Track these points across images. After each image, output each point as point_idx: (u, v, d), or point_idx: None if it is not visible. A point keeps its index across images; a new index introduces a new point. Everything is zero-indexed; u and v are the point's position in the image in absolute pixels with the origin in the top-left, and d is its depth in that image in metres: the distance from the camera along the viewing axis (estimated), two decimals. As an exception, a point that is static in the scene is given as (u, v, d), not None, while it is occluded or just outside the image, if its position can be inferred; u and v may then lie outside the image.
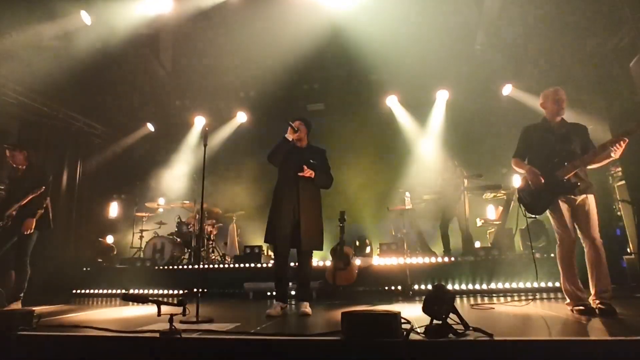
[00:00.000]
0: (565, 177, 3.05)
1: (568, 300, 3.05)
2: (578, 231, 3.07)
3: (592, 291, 2.94)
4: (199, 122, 8.25)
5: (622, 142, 2.87)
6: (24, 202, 4.20)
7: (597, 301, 2.86)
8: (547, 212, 3.17)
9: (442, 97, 7.53)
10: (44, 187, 4.30)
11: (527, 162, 3.29)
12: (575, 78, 6.11)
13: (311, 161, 3.67)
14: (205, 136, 3.66)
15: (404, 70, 7.25)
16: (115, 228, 7.92)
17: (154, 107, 8.22)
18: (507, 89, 7.14)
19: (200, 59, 7.37)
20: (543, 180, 3.09)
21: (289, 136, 3.68)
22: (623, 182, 5.46)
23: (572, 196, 3.06)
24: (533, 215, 3.22)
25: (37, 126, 6.74)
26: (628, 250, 5.22)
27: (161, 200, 7.44)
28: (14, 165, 4.48)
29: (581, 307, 2.88)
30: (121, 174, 8.22)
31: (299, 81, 7.78)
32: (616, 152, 2.91)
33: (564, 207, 3.07)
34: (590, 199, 3.07)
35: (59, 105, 7.05)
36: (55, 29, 5.65)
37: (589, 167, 3.11)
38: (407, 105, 7.75)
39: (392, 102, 7.78)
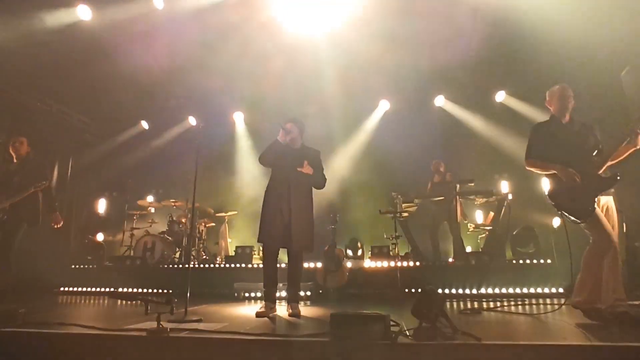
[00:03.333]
0: (600, 172, 2.87)
1: (577, 298, 2.85)
2: None
3: (608, 298, 2.75)
4: (194, 120, 8.22)
5: None
6: (24, 195, 4.11)
7: (620, 309, 2.68)
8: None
9: (438, 102, 7.59)
10: (47, 182, 4.24)
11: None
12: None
13: (305, 162, 3.67)
14: (198, 135, 3.64)
15: (398, 75, 7.30)
16: (106, 226, 7.85)
17: (149, 105, 8.17)
18: (500, 96, 7.22)
19: (196, 57, 7.34)
20: (579, 179, 2.83)
21: (281, 138, 3.67)
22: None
23: (600, 196, 2.87)
24: (579, 221, 2.84)
25: (29, 120, 6.67)
26: (616, 258, 5.27)
27: (150, 198, 7.38)
28: (12, 155, 4.39)
29: (594, 310, 2.71)
30: (113, 170, 8.15)
31: (295, 82, 7.79)
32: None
33: (597, 206, 2.83)
34: (612, 202, 2.93)
35: (52, 100, 6.99)
36: (50, 22, 5.59)
37: (612, 162, 2.93)
38: (401, 109, 7.79)
39: (386, 106, 7.82)
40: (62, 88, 6.87)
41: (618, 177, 2.84)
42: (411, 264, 5.40)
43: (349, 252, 6.68)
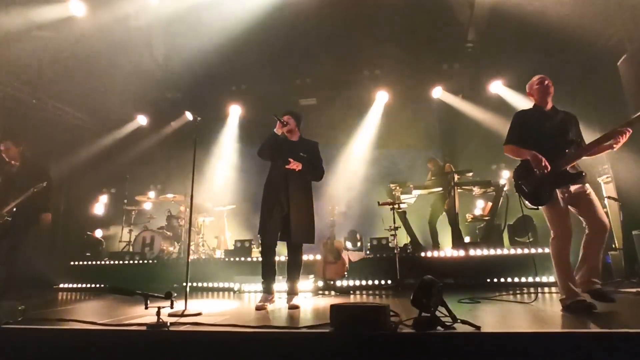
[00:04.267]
0: (568, 167, 2.88)
1: (563, 296, 2.82)
2: (582, 219, 2.90)
3: (584, 276, 2.79)
4: (190, 115, 8.17)
5: (625, 134, 2.73)
6: (24, 197, 4.13)
7: (592, 286, 2.74)
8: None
9: (435, 93, 7.56)
10: (46, 182, 4.24)
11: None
12: (564, 76, 6.18)
13: (301, 154, 3.66)
14: (196, 129, 3.63)
15: (397, 66, 7.27)
16: (105, 222, 7.83)
17: (145, 100, 8.11)
18: (496, 87, 7.20)
19: (192, 52, 7.28)
20: (548, 169, 2.84)
21: (278, 130, 3.67)
22: (610, 178, 5.54)
23: (572, 186, 2.89)
24: (534, 207, 2.96)
25: (24, 118, 6.62)
26: (613, 246, 5.31)
27: (151, 194, 7.37)
28: (7, 160, 4.41)
29: (577, 303, 2.68)
30: (111, 167, 8.11)
31: (292, 76, 7.75)
32: (618, 143, 2.77)
33: (561, 198, 2.88)
34: (589, 187, 2.93)
35: (47, 96, 6.93)
36: (45, 18, 5.52)
37: (585, 157, 2.95)
38: (399, 101, 7.76)
39: (384, 98, 7.78)
40: (57, 85, 6.80)
41: (583, 174, 2.88)
42: (410, 254, 5.41)
43: (348, 244, 6.70)
